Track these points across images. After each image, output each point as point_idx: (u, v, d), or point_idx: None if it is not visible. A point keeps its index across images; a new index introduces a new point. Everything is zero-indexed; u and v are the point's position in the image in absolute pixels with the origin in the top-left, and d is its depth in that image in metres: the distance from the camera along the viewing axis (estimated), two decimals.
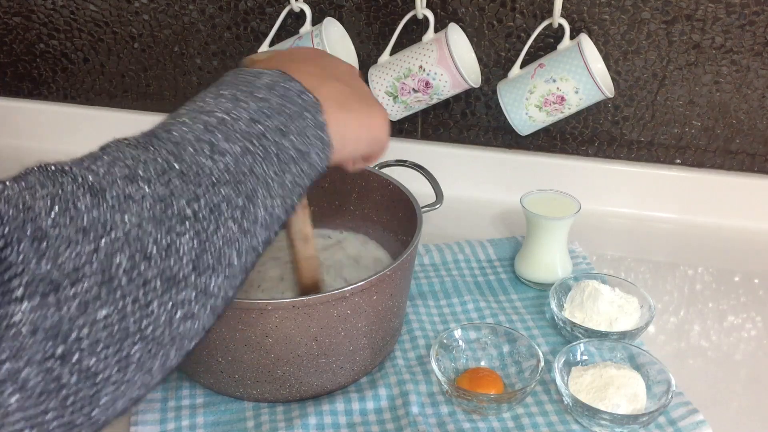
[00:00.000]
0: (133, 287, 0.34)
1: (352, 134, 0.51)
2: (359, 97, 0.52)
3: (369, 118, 0.52)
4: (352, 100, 0.51)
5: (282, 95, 0.45)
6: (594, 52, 0.89)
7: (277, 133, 0.43)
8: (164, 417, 0.65)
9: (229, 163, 0.40)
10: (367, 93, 0.55)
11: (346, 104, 0.50)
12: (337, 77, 0.52)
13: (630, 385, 0.65)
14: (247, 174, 0.41)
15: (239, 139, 0.41)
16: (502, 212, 1.00)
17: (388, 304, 0.67)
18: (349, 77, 0.54)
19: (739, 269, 0.90)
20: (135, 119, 1.10)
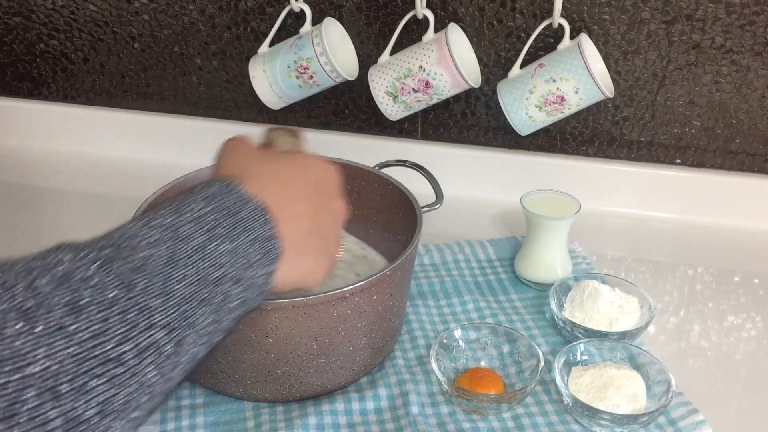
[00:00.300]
0: (32, 426, 0.33)
1: (290, 283, 0.49)
2: (317, 250, 0.51)
3: (311, 273, 0.51)
4: (309, 251, 0.50)
5: (253, 238, 0.44)
6: (594, 52, 0.89)
7: (231, 281, 0.43)
8: (164, 417, 0.65)
9: (173, 306, 0.39)
10: (329, 249, 0.53)
11: (300, 254, 0.49)
12: (317, 221, 0.51)
13: (630, 385, 0.65)
14: (185, 321, 0.40)
15: (193, 283, 0.40)
16: (502, 212, 1.00)
17: (388, 304, 0.67)
18: (331, 225, 0.53)
19: (739, 269, 0.90)
20: (135, 119, 1.10)
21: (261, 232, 0.45)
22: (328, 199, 0.53)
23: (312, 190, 0.51)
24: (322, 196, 0.52)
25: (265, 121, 1.07)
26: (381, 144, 1.03)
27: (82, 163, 1.10)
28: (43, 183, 1.07)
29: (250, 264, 0.44)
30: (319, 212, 0.51)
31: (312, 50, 0.89)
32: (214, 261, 0.42)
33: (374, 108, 0.96)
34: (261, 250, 0.45)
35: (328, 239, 0.52)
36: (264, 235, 0.45)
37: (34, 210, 1.00)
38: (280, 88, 0.93)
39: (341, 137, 1.05)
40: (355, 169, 0.81)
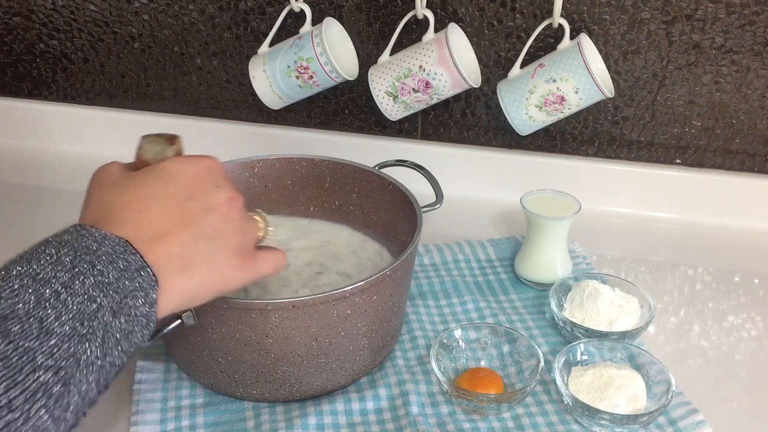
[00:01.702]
0: None
1: (194, 296, 0.49)
2: (208, 251, 0.49)
3: (212, 277, 0.49)
4: (197, 257, 0.48)
5: (121, 269, 0.43)
6: (594, 52, 0.89)
7: (108, 312, 0.42)
8: (164, 417, 0.65)
9: (54, 345, 0.39)
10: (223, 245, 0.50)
11: (187, 266, 0.47)
12: (193, 224, 0.48)
13: (630, 385, 0.65)
14: (70, 359, 0.39)
15: (70, 320, 0.40)
16: (502, 212, 1.00)
17: (388, 304, 0.67)
18: (215, 222, 0.50)
19: (739, 269, 0.90)
20: (135, 119, 1.10)
21: (127, 264, 0.44)
22: (202, 197, 0.50)
23: (179, 197, 0.49)
24: (193, 198, 0.49)
25: (265, 121, 1.07)
26: (381, 144, 1.03)
27: (83, 163, 1.10)
28: (43, 183, 1.07)
29: (125, 294, 0.43)
30: (193, 218, 0.49)
31: (312, 50, 0.89)
32: (85, 295, 0.41)
33: (374, 108, 0.96)
34: (133, 281, 0.44)
35: (218, 238, 0.50)
36: (132, 266, 0.44)
37: (34, 210, 1.00)
38: (280, 88, 0.93)
39: (341, 137, 1.05)
40: (355, 169, 0.81)
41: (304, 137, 1.05)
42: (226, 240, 0.50)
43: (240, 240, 0.52)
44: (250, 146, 1.05)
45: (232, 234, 0.51)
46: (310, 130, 1.06)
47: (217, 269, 0.50)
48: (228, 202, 0.51)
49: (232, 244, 0.51)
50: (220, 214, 0.50)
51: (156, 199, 0.48)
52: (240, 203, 0.52)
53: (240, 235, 0.52)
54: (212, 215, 0.50)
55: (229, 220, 0.51)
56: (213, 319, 0.61)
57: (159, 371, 0.70)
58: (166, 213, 0.48)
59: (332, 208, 0.84)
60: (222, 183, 0.52)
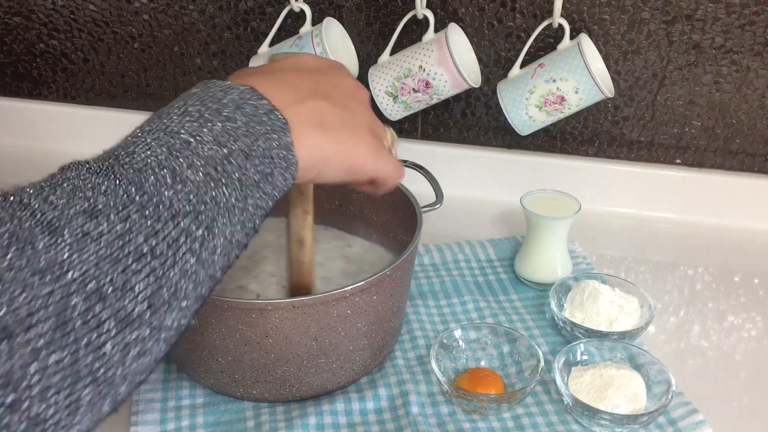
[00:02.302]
0: (87, 330, 0.33)
1: (328, 157, 0.49)
2: (345, 121, 0.50)
3: (348, 145, 0.50)
4: (335, 122, 0.49)
5: (250, 114, 0.44)
6: (594, 52, 0.89)
7: (240, 155, 0.42)
8: (164, 417, 0.65)
9: (190, 192, 0.39)
10: (359, 119, 0.52)
11: (325, 126, 0.48)
12: (328, 95, 0.50)
13: (630, 385, 0.65)
14: (208, 203, 0.40)
15: (203, 165, 0.40)
16: (502, 212, 1.00)
17: (388, 304, 0.67)
18: (347, 98, 0.52)
19: (739, 269, 0.90)
20: (135, 119, 1.09)
21: (255, 108, 0.44)
22: (332, 77, 0.52)
23: (313, 73, 0.51)
24: (325, 76, 0.52)
25: None
26: None
27: None
28: None
29: (256, 136, 0.43)
30: (327, 90, 0.50)
31: (312, 50, 0.89)
32: (214, 140, 0.41)
33: (374, 108, 0.96)
34: (263, 123, 0.44)
35: (353, 111, 0.51)
36: (260, 110, 0.44)
37: None
38: None
39: None
40: None
41: None
42: (361, 115, 0.52)
43: (373, 121, 0.53)
44: None
45: (363, 114, 0.52)
46: None
47: (353, 137, 0.50)
48: (357, 86, 0.54)
49: (366, 122, 0.52)
50: (351, 93, 0.52)
51: (289, 73, 0.50)
52: (366, 93, 0.54)
53: (371, 119, 0.53)
54: (344, 92, 0.52)
55: (360, 101, 0.53)
56: (213, 319, 0.61)
57: (159, 371, 0.70)
58: (300, 82, 0.49)
59: (332, 208, 0.84)
60: (346, 74, 0.54)
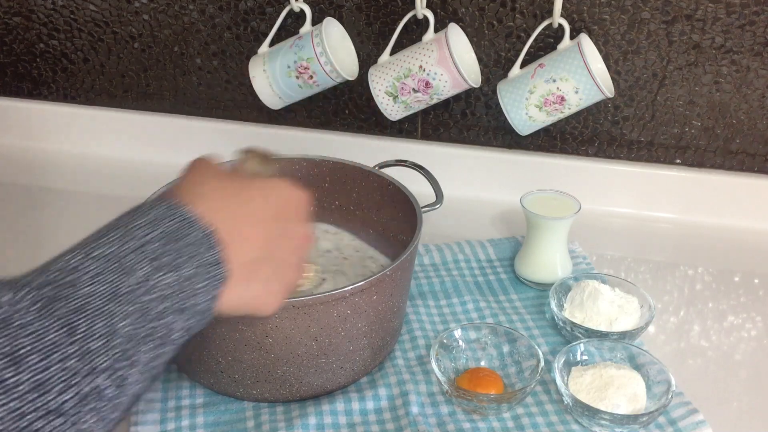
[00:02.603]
0: None
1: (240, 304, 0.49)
2: (274, 277, 0.50)
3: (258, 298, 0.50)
4: (261, 277, 0.49)
5: (198, 266, 0.43)
6: (594, 52, 0.89)
7: (175, 313, 0.42)
8: (164, 417, 0.65)
9: (116, 346, 0.38)
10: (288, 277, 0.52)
11: (252, 273, 0.48)
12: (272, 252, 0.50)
13: (630, 385, 0.65)
14: (130, 359, 0.39)
15: (138, 319, 0.39)
16: (502, 212, 1.00)
17: (388, 304, 0.67)
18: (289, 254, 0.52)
19: (739, 269, 0.90)
20: (135, 119, 1.10)
21: (206, 258, 0.44)
22: (289, 224, 0.52)
23: (271, 214, 0.51)
24: (281, 221, 0.51)
25: (265, 121, 1.07)
26: (381, 144, 1.03)
27: (83, 163, 1.10)
28: (43, 183, 1.07)
29: (194, 293, 0.43)
30: (275, 237, 0.50)
31: (312, 50, 0.89)
32: (158, 293, 0.41)
33: (374, 108, 0.96)
34: (206, 276, 0.44)
35: (283, 266, 0.52)
36: (209, 260, 0.44)
37: (34, 210, 1.00)
38: (280, 88, 0.93)
39: (341, 137, 1.05)
40: (355, 169, 0.81)
41: (304, 137, 1.05)
42: (285, 272, 0.52)
43: (293, 276, 0.53)
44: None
45: (292, 268, 0.53)
46: (310, 130, 1.06)
47: (270, 291, 0.51)
48: (305, 238, 0.54)
49: (288, 276, 0.53)
50: (295, 246, 0.53)
51: (252, 203, 0.50)
52: (309, 245, 0.55)
53: (295, 273, 0.54)
54: (290, 243, 0.52)
55: (296, 254, 0.53)
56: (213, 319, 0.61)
57: None
58: (256, 221, 0.49)
59: (332, 208, 0.84)
60: (308, 220, 0.54)
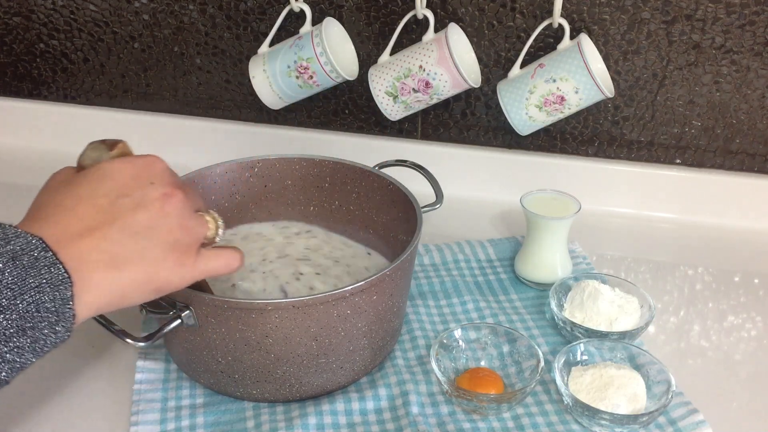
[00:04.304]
0: None
1: (126, 293, 0.49)
2: (141, 250, 0.49)
3: (147, 274, 0.49)
4: (128, 255, 0.48)
5: (24, 267, 0.44)
6: (594, 52, 0.89)
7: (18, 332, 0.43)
8: (164, 417, 0.65)
9: None
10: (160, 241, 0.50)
11: (117, 263, 0.48)
12: (122, 221, 0.48)
13: (630, 385, 0.65)
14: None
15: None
16: (502, 212, 1.00)
17: (388, 304, 0.67)
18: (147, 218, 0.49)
19: (739, 269, 0.90)
20: (135, 119, 1.10)
21: (35, 260, 0.44)
22: (134, 194, 0.50)
23: (111, 195, 0.49)
24: (124, 196, 0.49)
25: (265, 121, 1.07)
26: (381, 144, 1.03)
27: None
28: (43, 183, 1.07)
29: (22, 291, 0.43)
30: (123, 214, 0.49)
31: (312, 50, 0.89)
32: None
33: (374, 108, 0.96)
34: (39, 278, 0.44)
35: (151, 233, 0.49)
36: (40, 262, 0.44)
37: None
38: (280, 88, 0.93)
39: (341, 137, 1.05)
40: (355, 169, 0.81)
41: (304, 137, 1.05)
42: (161, 236, 0.50)
43: (178, 236, 0.51)
44: (250, 146, 1.05)
45: (168, 230, 0.50)
46: (310, 130, 1.06)
47: (150, 265, 0.50)
48: (162, 198, 0.50)
49: (168, 240, 0.50)
50: (154, 210, 0.50)
51: (86, 198, 0.49)
52: (178, 199, 0.51)
53: (178, 231, 0.51)
54: (143, 211, 0.50)
55: (164, 216, 0.50)
56: (213, 319, 0.61)
57: (159, 371, 0.70)
58: (95, 210, 0.48)
59: (332, 208, 0.84)
60: (158, 180, 0.51)
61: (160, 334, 0.60)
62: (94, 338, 0.73)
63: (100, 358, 0.73)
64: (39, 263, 0.44)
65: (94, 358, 0.73)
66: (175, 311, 0.61)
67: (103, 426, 0.66)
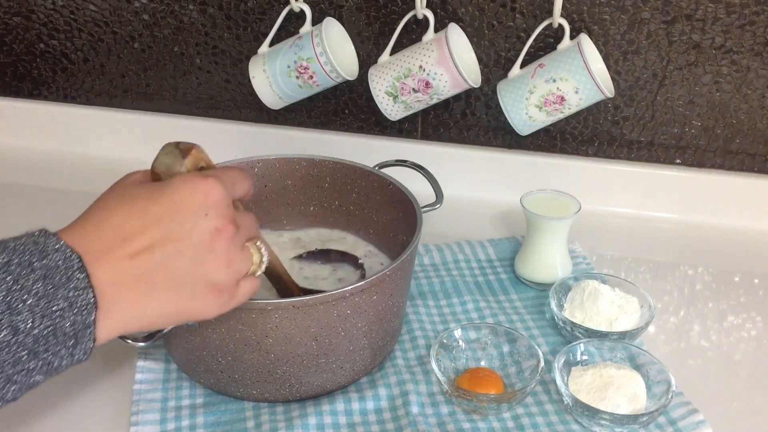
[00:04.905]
0: None
1: (152, 320, 0.48)
2: (178, 281, 0.47)
3: (178, 307, 0.48)
4: (166, 282, 0.47)
5: (57, 284, 0.42)
6: (594, 52, 0.89)
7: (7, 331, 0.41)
8: (164, 417, 0.65)
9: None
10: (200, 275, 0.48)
11: (152, 289, 0.46)
12: (170, 244, 0.47)
13: (630, 385, 0.65)
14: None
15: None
16: (502, 212, 1.00)
17: (388, 304, 0.67)
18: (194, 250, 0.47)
19: (739, 269, 0.90)
20: (135, 119, 1.10)
21: (68, 281, 0.43)
22: (186, 222, 0.48)
23: (164, 218, 0.47)
24: (177, 222, 0.47)
25: (265, 121, 1.07)
26: (381, 144, 1.03)
27: (82, 163, 1.10)
28: (43, 183, 1.07)
29: (42, 314, 0.42)
30: (172, 241, 0.47)
31: (312, 50, 0.89)
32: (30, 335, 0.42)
33: (374, 108, 0.96)
34: (67, 299, 0.43)
35: (195, 267, 0.48)
36: (71, 284, 0.43)
37: (34, 210, 1.00)
38: (280, 88, 0.93)
39: (341, 137, 1.05)
40: (355, 169, 0.81)
41: (304, 137, 1.05)
42: (202, 272, 0.48)
43: (222, 275, 0.50)
44: (250, 146, 1.05)
45: (213, 268, 0.49)
46: (310, 130, 1.06)
47: (184, 299, 0.48)
48: (213, 233, 0.48)
49: (210, 278, 0.49)
50: (203, 245, 0.48)
51: (137, 217, 0.47)
52: (228, 236, 0.49)
53: (222, 270, 0.49)
54: (192, 243, 0.48)
55: (210, 252, 0.48)
56: (213, 319, 0.61)
57: (159, 371, 0.70)
58: (142, 232, 0.47)
59: (332, 208, 0.84)
60: (212, 211, 0.49)
61: (160, 334, 0.60)
62: None
63: (100, 358, 0.73)
64: (70, 284, 0.43)
65: (94, 358, 0.72)
66: None
67: (103, 426, 0.66)
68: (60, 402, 0.67)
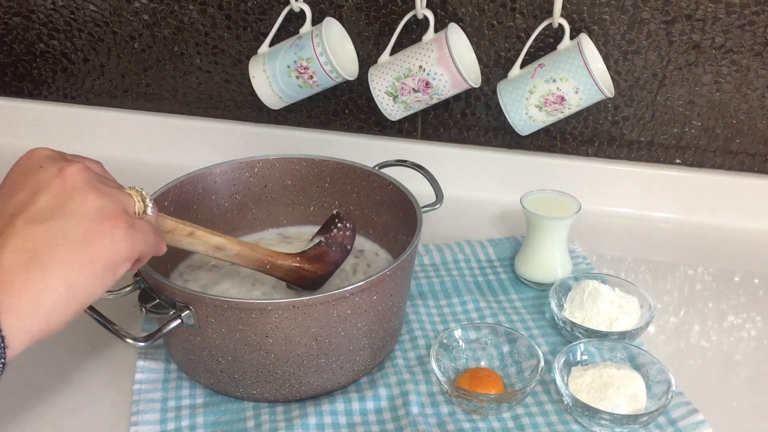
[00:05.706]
0: None
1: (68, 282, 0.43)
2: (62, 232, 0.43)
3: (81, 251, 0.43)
4: (47, 240, 0.42)
5: None
6: (594, 52, 0.89)
7: None
8: (164, 417, 0.65)
9: None
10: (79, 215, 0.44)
11: (38, 254, 0.42)
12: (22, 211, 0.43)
13: (630, 385, 0.65)
14: None
15: None
16: (502, 212, 1.00)
17: (388, 304, 0.67)
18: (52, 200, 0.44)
19: (739, 269, 0.90)
20: (135, 119, 1.10)
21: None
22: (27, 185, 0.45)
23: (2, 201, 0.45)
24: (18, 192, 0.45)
25: (265, 121, 1.07)
26: (381, 144, 1.03)
27: None
28: None
29: None
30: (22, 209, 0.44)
31: (312, 50, 0.89)
32: None
33: (374, 108, 0.96)
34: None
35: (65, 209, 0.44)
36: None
37: None
38: (280, 88, 0.93)
39: (341, 137, 1.05)
40: (355, 169, 0.81)
41: (304, 137, 1.05)
42: (77, 209, 0.45)
43: (99, 203, 0.45)
44: (250, 146, 1.05)
45: (81, 200, 0.45)
46: (310, 130, 1.06)
47: (80, 242, 0.44)
48: (58, 172, 0.45)
49: (90, 209, 0.45)
50: (54, 186, 0.45)
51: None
52: (77, 168, 0.46)
53: (96, 198, 0.45)
54: (42, 193, 0.44)
55: (69, 188, 0.45)
56: (213, 319, 0.61)
57: (159, 371, 0.70)
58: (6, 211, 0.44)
59: (332, 208, 0.84)
60: (46, 162, 0.46)
61: (160, 334, 0.60)
62: (94, 338, 0.73)
63: (100, 358, 0.73)
64: None
65: (94, 358, 0.73)
66: (175, 311, 0.61)
67: (103, 426, 0.66)
68: (60, 402, 0.67)
